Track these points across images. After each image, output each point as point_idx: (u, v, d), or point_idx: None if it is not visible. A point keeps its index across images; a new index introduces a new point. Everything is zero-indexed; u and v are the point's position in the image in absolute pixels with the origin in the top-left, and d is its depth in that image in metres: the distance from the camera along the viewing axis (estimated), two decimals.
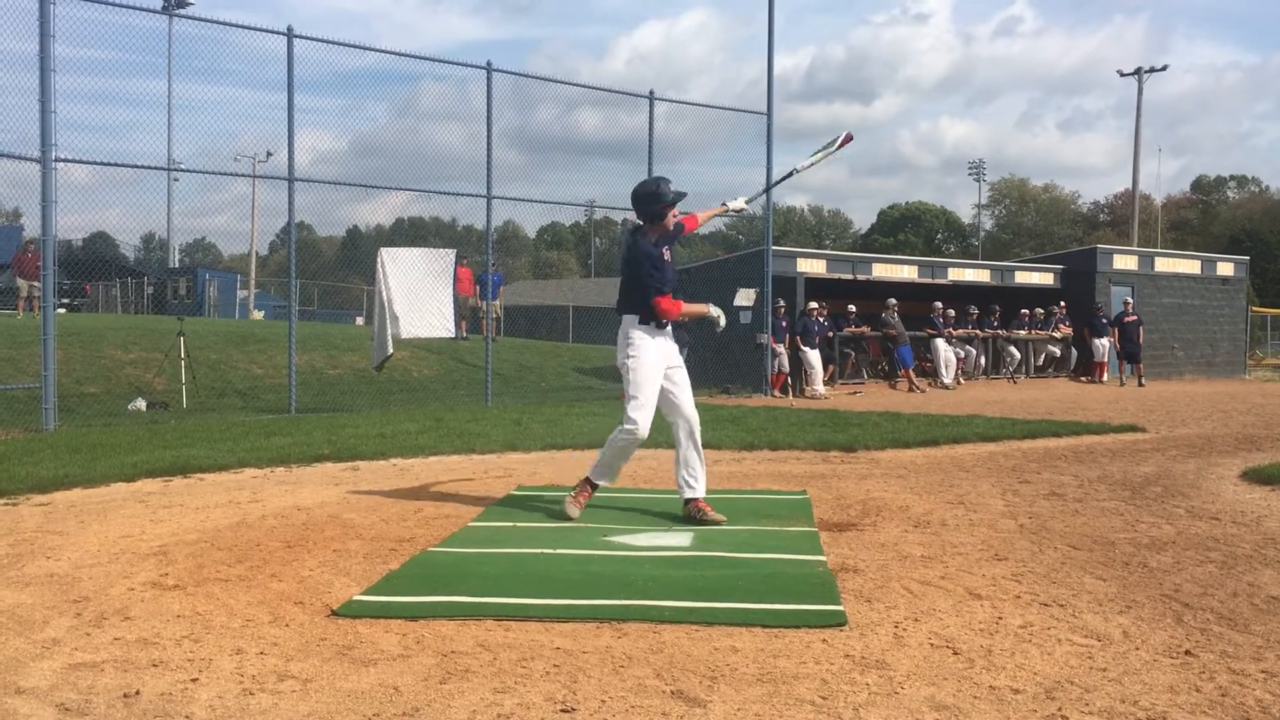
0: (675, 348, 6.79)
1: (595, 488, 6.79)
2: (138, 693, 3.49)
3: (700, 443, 6.73)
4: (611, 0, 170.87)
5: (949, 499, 7.55)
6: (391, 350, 14.72)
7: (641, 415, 6.48)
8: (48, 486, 7.62)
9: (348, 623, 4.33)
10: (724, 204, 7.47)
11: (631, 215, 6.85)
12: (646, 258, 6.51)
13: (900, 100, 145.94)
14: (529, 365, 21.20)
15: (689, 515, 6.57)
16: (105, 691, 3.51)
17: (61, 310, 19.59)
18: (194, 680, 3.62)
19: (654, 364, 6.54)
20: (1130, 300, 24.29)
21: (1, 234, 30.39)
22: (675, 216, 6.68)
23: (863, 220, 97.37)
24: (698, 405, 6.87)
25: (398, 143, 18.63)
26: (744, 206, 7.43)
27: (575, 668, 3.77)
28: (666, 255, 6.67)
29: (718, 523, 6.46)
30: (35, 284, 17.46)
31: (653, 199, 6.55)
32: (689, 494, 6.63)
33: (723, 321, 6.83)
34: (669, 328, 6.73)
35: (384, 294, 14.43)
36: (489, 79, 15.82)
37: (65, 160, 12.11)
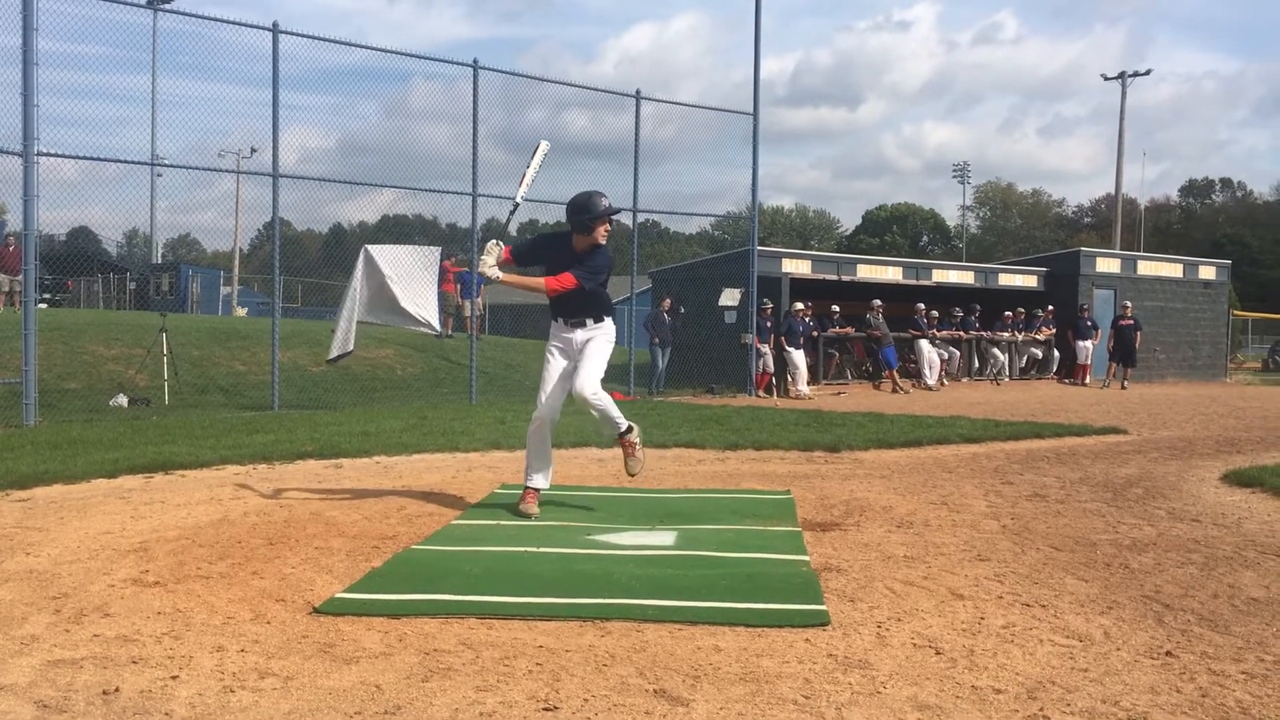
0: (584, 340, 6.89)
1: (538, 489, 6.95)
2: (117, 690, 3.47)
3: (591, 410, 6.90)
4: (602, 2, 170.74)
5: (932, 499, 7.57)
6: (351, 348, 14.59)
7: (540, 399, 6.97)
8: (28, 482, 7.56)
9: (330, 620, 4.31)
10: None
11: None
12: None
13: (884, 105, 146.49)
14: (514, 364, 21.15)
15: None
16: (84, 688, 3.48)
17: (43, 305, 19.43)
18: (174, 677, 3.60)
19: (549, 353, 6.97)
20: (1129, 304, 24.33)
21: None
22: (607, 230, 6.80)
23: (845, 224, 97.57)
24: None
25: (384, 141, 18.62)
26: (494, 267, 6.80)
27: (558, 666, 3.76)
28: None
29: (631, 471, 6.94)
30: (16, 279, 17.34)
31: (580, 210, 6.70)
32: (613, 431, 6.98)
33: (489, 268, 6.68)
34: (574, 327, 6.90)
35: (356, 290, 14.32)
36: (475, 76, 15.78)
37: (47, 154, 12.03)
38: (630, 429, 6.92)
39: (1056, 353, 25.28)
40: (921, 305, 22.61)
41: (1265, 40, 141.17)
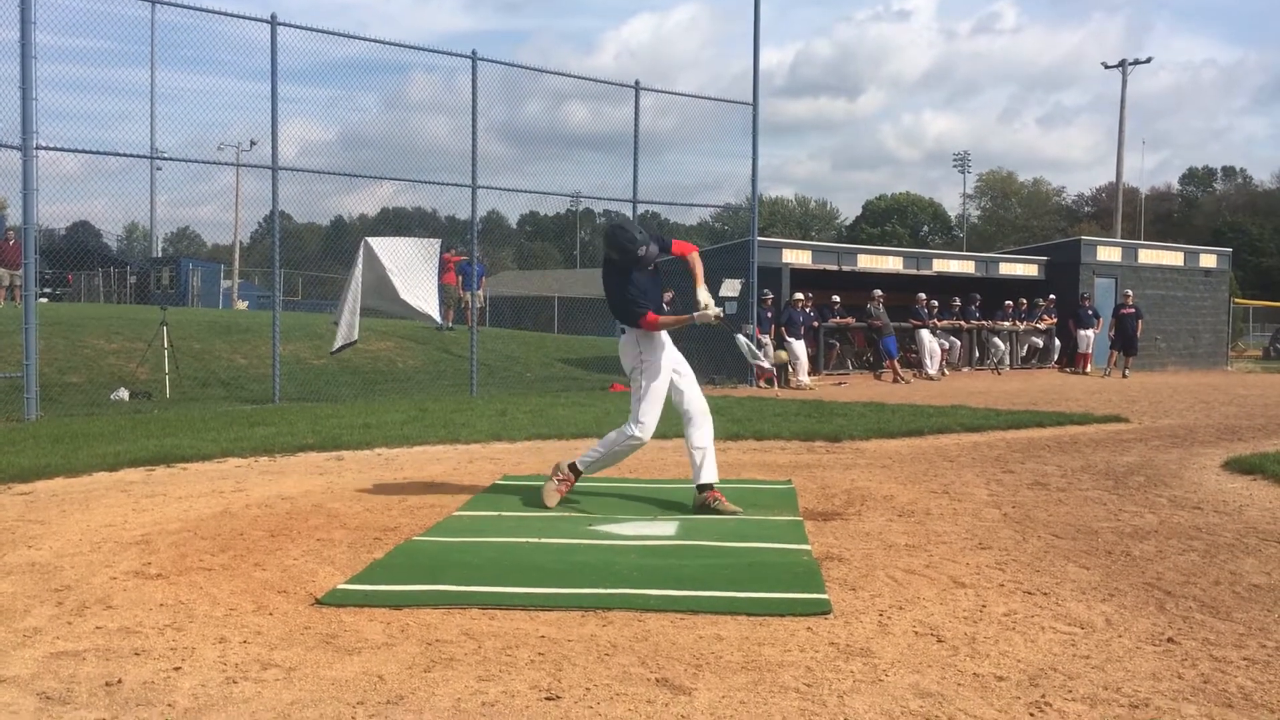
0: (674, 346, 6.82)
1: (579, 476, 6.78)
2: (120, 681, 3.48)
3: (710, 433, 6.71)
4: None
5: (933, 488, 7.58)
6: (356, 338, 14.60)
7: (651, 419, 6.60)
8: (29, 476, 7.57)
9: (332, 611, 4.32)
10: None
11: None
12: (632, 285, 6.56)
13: (884, 95, 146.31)
14: (514, 356, 21.15)
15: (701, 505, 6.56)
16: (87, 680, 3.49)
17: (43, 300, 19.42)
18: (176, 669, 3.60)
19: (666, 366, 6.65)
20: (1130, 293, 24.30)
21: None
22: (649, 255, 6.57)
23: (845, 213, 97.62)
24: None
25: (384, 134, 18.58)
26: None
27: (560, 656, 3.77)
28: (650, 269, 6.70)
29: (733, 513, 6.46)
30: (16, 273, 17.34)
31: (625, 253, 6.48)
32: (702, 480, 6.63)
33: (712, 310, 6.68)
34: (668, 332, 6.77)
35: (357, 281, 14.33)
36: (474, 68, 15.75)
37: (46, 148, 12.02)
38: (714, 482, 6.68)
39: (1057, 342, 25.26)
40: (922, 295, 22.59)
41: (1265, 28, 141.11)
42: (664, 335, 6.71)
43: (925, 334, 22.13)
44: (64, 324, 17.26)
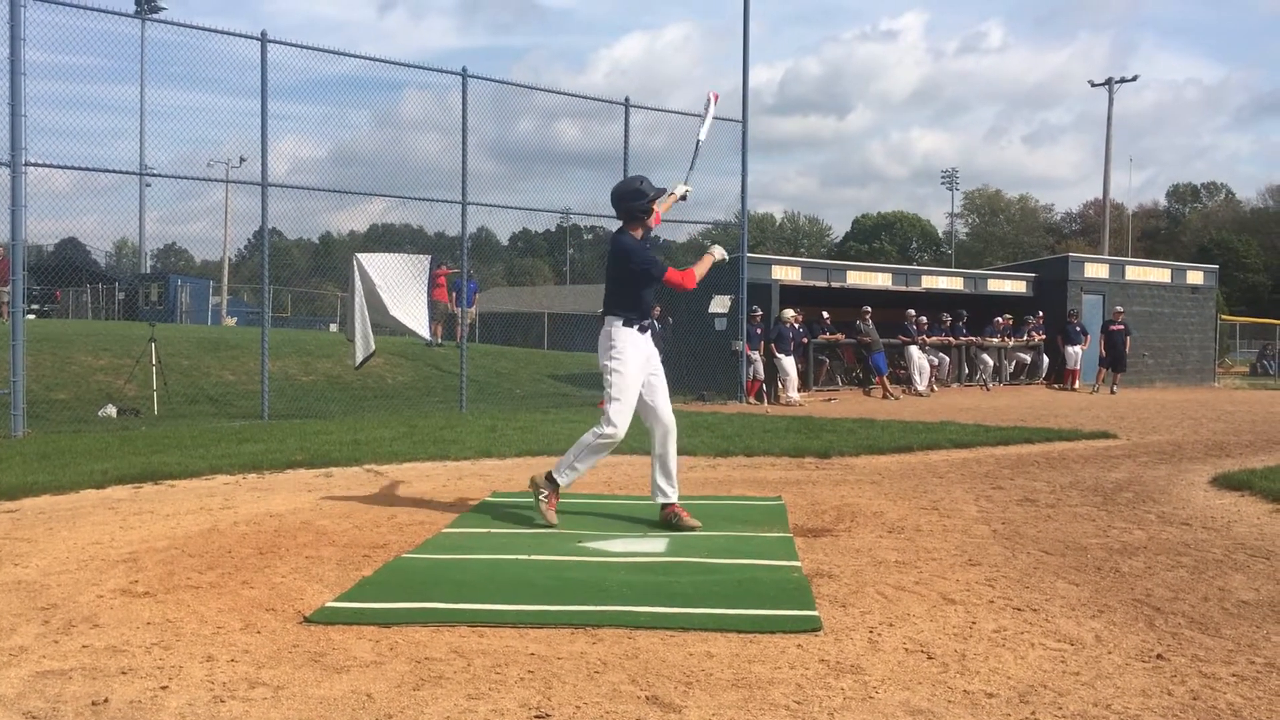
0: (655, 351, 6.78)
1: (558, 487, 6.69)
2: (106, 700, 3.45)
3: (675, 448, 6.71)
4: (593, 10, 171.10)
5: (923, 505, 7.58)
6: (374, 348, 14.64)
7: (622, 419, 6.51)
8: (16, 493, 7.53)
9: (320, 629, 4.30)
10: (671, 192, 7.15)
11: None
12: (635, 251, 6.58)
13: (872, 113, 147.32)
14: (504, 372, 21.13)
15: (665, 520, 6.56)
16: (73, 699, 3.46)
17: (31, 316, 19.34)
18: (164, 688, 3.58)
19: (638, 366, 6.57)
20: (1121, 309, 24.38)
21: None
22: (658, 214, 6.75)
23: (834, 232, 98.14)
24: (675, 411, 6.85)
25: (375, 151, 18.58)
26: (686, 189, 7.21)
27: (550, 674, 3.76)
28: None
29: (693, 528, 6.46)
30: (4, 289, 17.27)
31: (637, 196, 6.63)
32: (663, 499, 6.62)
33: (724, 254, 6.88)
34: (649, 331, 6.71)
35: (359, 294, 14.36)
36: (464, 84, 15.79)
37: (35, 165, 11.99)
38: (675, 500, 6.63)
39: (1046, 358, 25.35)
40: (911, 311, 22.66)
41: (1247, 47, 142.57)
42: (642, 337, 6.63)
43: (914, 350, 22.18)
44: (52, 340, 17.19)
